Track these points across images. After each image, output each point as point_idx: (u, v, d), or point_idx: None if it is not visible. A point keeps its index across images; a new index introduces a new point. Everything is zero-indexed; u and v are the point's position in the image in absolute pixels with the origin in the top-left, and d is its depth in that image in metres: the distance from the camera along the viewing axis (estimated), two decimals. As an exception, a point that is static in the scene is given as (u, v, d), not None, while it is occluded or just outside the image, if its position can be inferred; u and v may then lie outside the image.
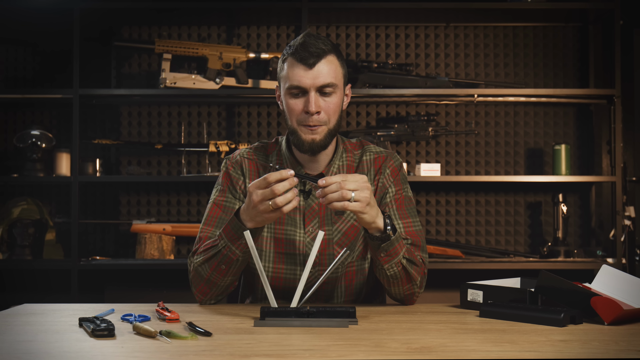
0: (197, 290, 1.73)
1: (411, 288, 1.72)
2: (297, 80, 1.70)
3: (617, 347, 1.27)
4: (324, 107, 1.71)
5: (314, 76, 1.69)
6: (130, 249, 3.38)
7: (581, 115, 3.45)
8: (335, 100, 1.72)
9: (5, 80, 3.48)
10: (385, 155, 1.86)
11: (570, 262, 3.17)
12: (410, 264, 1.68)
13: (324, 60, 1.70)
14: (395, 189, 1.82)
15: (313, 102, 1.69)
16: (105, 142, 3.28)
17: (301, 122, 1.72)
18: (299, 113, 1.72)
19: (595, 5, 3.20)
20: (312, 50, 1.69)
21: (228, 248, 1.64)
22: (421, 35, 3.46)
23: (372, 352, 1.22)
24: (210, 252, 1.68)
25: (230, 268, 1.67)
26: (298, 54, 1.70)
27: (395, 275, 1.68)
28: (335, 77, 1.72)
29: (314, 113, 1.70)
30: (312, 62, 1.69)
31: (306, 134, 1.72)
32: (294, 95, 1.72)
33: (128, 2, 3.22)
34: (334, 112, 1.73)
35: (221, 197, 1.81)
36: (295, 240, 1.78)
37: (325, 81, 1.70)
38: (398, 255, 1.65)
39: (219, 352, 1.23)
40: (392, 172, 1.83)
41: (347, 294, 1.81)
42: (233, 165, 1.84)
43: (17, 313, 1.62)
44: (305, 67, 1.69)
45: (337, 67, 1.73)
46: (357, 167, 1.84)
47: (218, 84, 3.23)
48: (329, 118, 1.72)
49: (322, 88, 1.70)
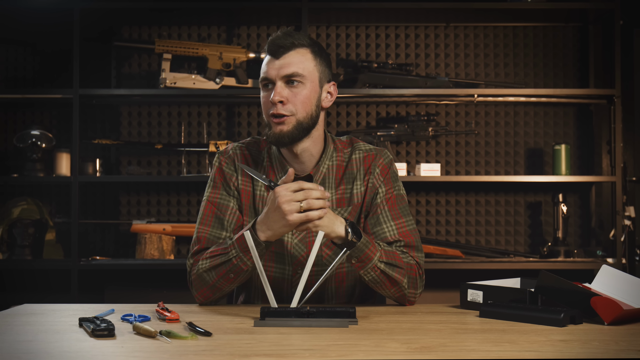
0: (199, 293, 1.72)
1: (399, 290, 1.69)
2: (264, 72, 1.71)
3: (617, 347, 1.27)
4: (290, 97, 1.69)
5: (279, 66, 1.69)
6: (130, 249, 3.38)
7: (581, 115, 3.45)
8: (304, 92, 1.70)
9: (5, 80, 3.48)
10: (375, 152, 1.82)
11: (570, 262, 3.17)
12: (390, 267, 1.65)
13: (293, 52, 1.70)
14: (385, 189, 1.78)
15: (276, 91, 1.68)
16: (105, 142, 3.28)
17: (269, 113, 1.71)
18: (267, 105, 1.72)
19: (595, 5, 3.20)
20: (279, 42, 1.70)
21: (239, 258, 1.62)
22: (421, 35, 3.46)
23: (372, 352, 1.22)
24: (219, 259, 1.65)
25: (238, 277, 1.66)
26: (269, 47, 1.71)
27: (375, 280, 1.66)
28: (304, 69, 1.70)
29: (277, 102, 1.68)
30: (280, 53, 1.69)
31: (275, 126, 1.70)
32: (265, 87, 1.73)
33: (128, 2, 3.22)
34: (302, 103, 1.70)
35: (215, 194, 1.78)
36: (283, 240, 1.76)
37: (289, 71, 1.69)
38: (372, 261, 1.62)
39: (219, 352, 1.23)
40: (381, 170, 1.80)
41: (337, 295, 1.79)
42: (226, 161, 1.81)
43: (17, 313, 1.62)
44: (272, 59, 1.71)
45: (308, 60, 1.71)
46: (347, 166, 1.81)
47: (218, 84, 3.23)
48: (296, 109, 1.69)
49: (288, 77, 1.69)
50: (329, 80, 1.77)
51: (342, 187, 1.79)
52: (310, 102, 1.71)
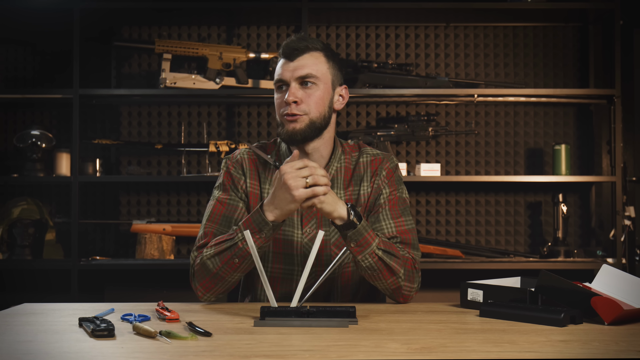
0: (200, 285, 1.72)
1: (395, 282, 1.71)
2: (279, 74, 1.78)
3: (617, 347, 1.27)
4: (304, 97, 1.75)
5: (293, 67, 1.76)
6: (130, 249, 3.38)
7: (581, 115, 3.45)
8: (317, 93, 1.76)
9: (5, 80, 3.48)
10: (382, 157, 1.88)
11: (570, 262, 3.17)
12: (388, 255, 1.69)
13: (307, 55, 1.77)
14: (389, 190, 1.83)
15: (291, 92, 1.74)
16: (105, 142, 3.28)
17: (283, 113, 1.76)
18: (281, 105, 1.77)
19: (595, 5, 3.20)
20: (294, 46, 1.76)
21: (245, 242, 1.64)
22: (421, 35, 3.46)
23: (372, 352, 1.22)
24: (224, 245, 1.67)
25: (242, 263, 1.66)
26: (283, 50, 1.78)
27: (372, 267, 1.68)
28: (317, 71, 1.76)
29: (291, 102, 1.74)
30: (294, 56, 1.76)
31: (288, 124, 1.76)
32: (279, 89, 1.79)
33: (128, 2, 3.22)
34: (315, 103, 1.76)
35: (224, 196, 1.81)
36: (293, 241, 1.78)
37: (303, 72, 1.75)
38: (370, 246, 1.66)
39: (219, 352, 1.23)
40: (387, 174, 1.85)
41: (343, 294, 1.82)
42: (234, 165, 1.84)
43: (17, 313, 1.62)
44: (287, 61, 1.77)
45: (321, 63, 1.78)
46: (354, 169, 1.86)
47: (218, 84, 3.23)
48: (310, 109, 1.75)
49: (302, 79, 1.75)
50: (340, 83, 1.84)
51: (351, 188, 1.84)
52: (323, 102, 1.77)
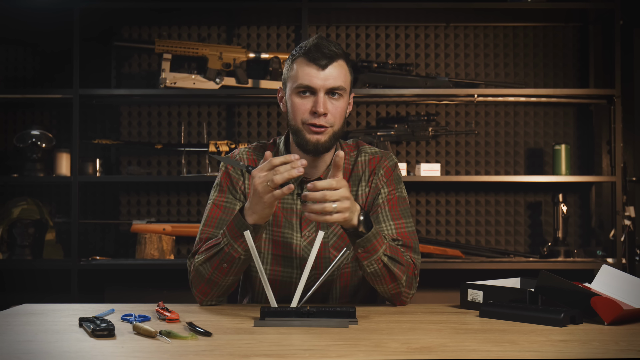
0: (198, 291, 1.72)
1: (396, 287, 1.70)
2: (307, 80, 1.70)
3: (617, 347, 1.27)
4: (332, 109, 1.71)
5: (325, 77, 1.70)
6: (130, 249, 3.38)
7: (581, 115, 3.45)
8: (342, 105, 1.73)
9: (5, 80, 3.48)
10: (380, 155, 1.85)
11: (570, 262, 3.17)
12: (392, 262, 1.67)
13: (336, 64, 1.72)
14: (388, 190, 1.81)
15: (321, 103, 1.70)
16: (105, 142, 3.28)
17: (306, 121, 1.71)
18: (304, 112, 1.72)
19: (595, 5, 3.20)
20: (325, 52, 1.70)
21: (230, 246, 1.63)
22: (421, 35, 3.46)
23: (372, 352, 1.22)
24: (212, 250, 1.66)
25: (232, 267, 1.66)
26: (311, 54, 1.70)
27: (377, 273, 1.67)
28: (345, 82, 1.73)
29: (322, 114, 1.70)
30: (325, 64, 1.70)
31: (311, 134, 1.72)
32: (302, 94, 1.72)
33: (128, 2, 3.22)
34: (340, 115, 1.73)
35: (221, 198, 1.79)
36: (292, 244, 1.77)
37: (335, 84, 1.71)
38: (377, 252, 1.64)
39: (219, 352, 1.23)
40: (385, 172, 1.83)
41: (342, 295, 1.81)
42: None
43: (17, 313, 1.62)
44: (317, 68, 1.70)
45: (346, 72, 1.75)
46: (353, 168, 1.84)
47: (218, 84, 3.23)
48: (335, 121, 1.72)
49: (332, 90, 1.71)
50: (351, 90, 1.81)
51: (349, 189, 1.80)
52: (345, 113, 1.77)
